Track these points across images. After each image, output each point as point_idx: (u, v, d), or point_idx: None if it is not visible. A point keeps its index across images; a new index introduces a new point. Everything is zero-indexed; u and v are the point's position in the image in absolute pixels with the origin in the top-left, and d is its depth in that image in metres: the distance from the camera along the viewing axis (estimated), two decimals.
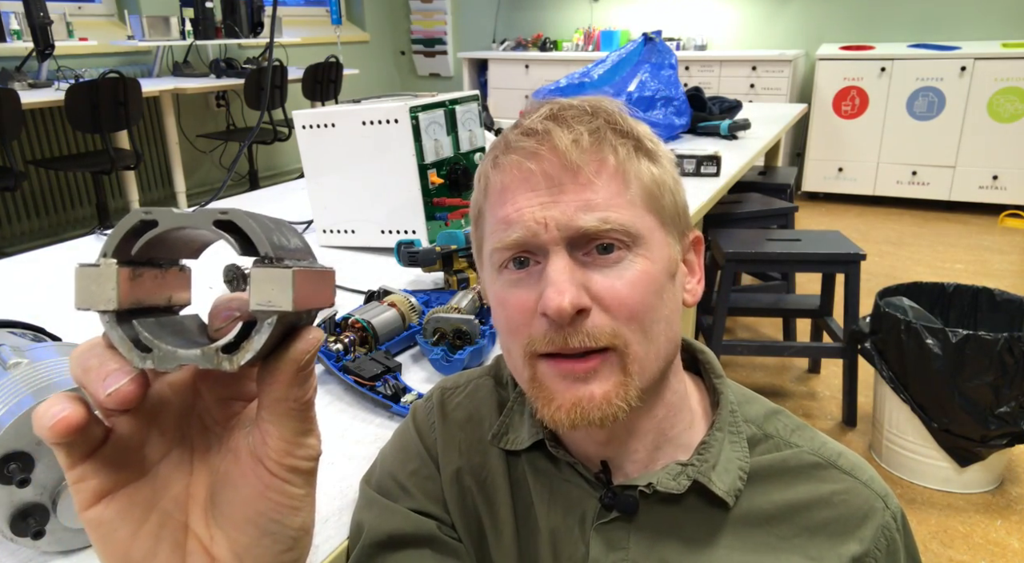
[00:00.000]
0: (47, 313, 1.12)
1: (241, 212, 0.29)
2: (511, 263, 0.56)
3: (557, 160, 0.54)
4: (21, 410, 0.55)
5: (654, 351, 0.55)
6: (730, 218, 2.73)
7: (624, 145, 0.56)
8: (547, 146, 0.54)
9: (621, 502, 0.58)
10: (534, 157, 0.55)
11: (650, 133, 0.60)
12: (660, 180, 0.57)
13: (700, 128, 2.66)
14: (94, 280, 0.29)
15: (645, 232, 0.55)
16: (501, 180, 0.57)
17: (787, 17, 5.46)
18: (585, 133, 0.55)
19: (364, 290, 1.14)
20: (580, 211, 0.53)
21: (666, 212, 0.58)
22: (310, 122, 1.36)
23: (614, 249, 0.54)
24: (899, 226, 4.62)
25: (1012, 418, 1.89)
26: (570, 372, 0.53)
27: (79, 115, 3.45)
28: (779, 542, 0.57)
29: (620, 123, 0.57)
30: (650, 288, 0.54)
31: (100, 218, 3.90)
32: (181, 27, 4.50)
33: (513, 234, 0.55)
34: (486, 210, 0.59)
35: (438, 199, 1.34)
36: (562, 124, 0.55)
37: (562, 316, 0.51)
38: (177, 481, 0.34)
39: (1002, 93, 4.53)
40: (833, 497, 0.59)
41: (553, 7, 6.27)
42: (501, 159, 0.57)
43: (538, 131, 0.55)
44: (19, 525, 0.57)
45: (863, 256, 2.30)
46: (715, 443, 0.60)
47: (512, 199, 0.55)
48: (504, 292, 0.56)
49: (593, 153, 0.55)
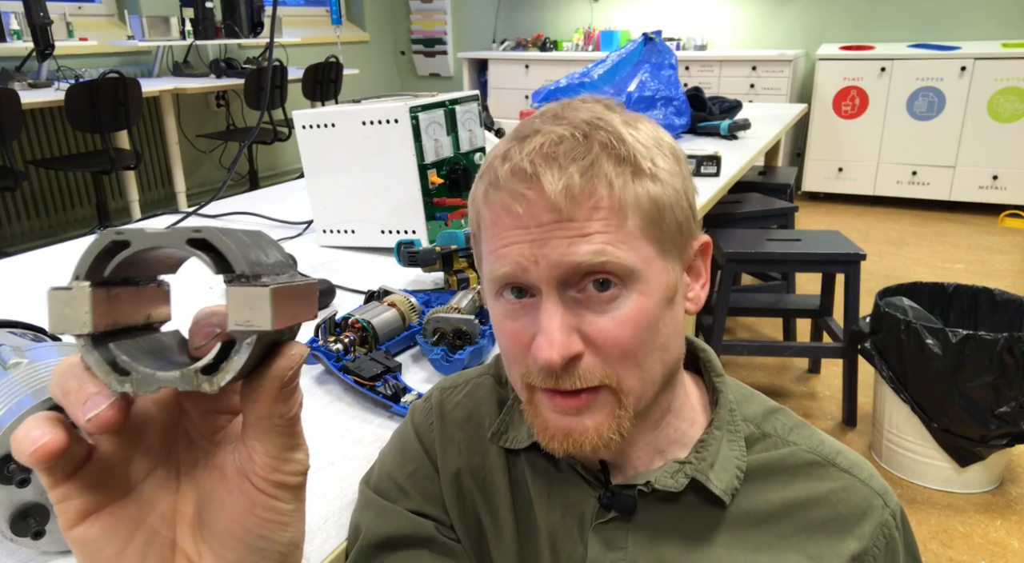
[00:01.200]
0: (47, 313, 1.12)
1: (215, 230, 0.28)
2: (507, 292, 0.55)
3: (547, 205, 0.51)
4: (21, 410, 0.55)
5: (650, 379, 0.55)
6: (730, 218, 2.73)
7: (621, 175, 0.53)
8: (535, 191, 0.51)
9: (619, 502, 0.58)
10: (522, 200, 0.52)
11: (649, 140, 0.56)
12: (660, 201, 0.54)
13: (700, 128, 2.66)
14: (67, 303, 0.28)
15: (641, 265, 0.53)
16: (490, 216, 0.55)
17: (787, 17, 5.46)
18: (576, 175, 0.51)
19: (364, 290, 1.14)
20: (573, 247, 0.51)
21: (666, 234, 0.55)
22: (310, 122, 1.36)
23: (609, 285, 0.52)
24: (899, 226, 4.62)
25: (1012, 418, 1.89)
26: (563, 407, 0.53)
27: (79, 115, 3.45)
28: (778, 541, 0.57)
29: (617, 146, 0.53)
30: (643, 325, 0.53)
31: (100, 218, 3.90)
32: (181, 27, 4.51)
33: (503, 268, 0.53)
34: (481, 235, 0.57)
35: (438, 199, 1.34)
36: (551, 164, 0.51)
37: (552, 368, 0.51)
38: (163, 498, 0.34)
39: (1002, 93, 4.53)
40: (831, 495, 0.59)
41: (553, 7, 6.27)
42: (491, 195, 0.54)
43: (526, 173, 0.52)
44: (19, 525, 0.57)
45: (863, 256, 2.30)
46: (713, 442, 0.59)
47: (501, 234, 0.53)
48: (501, 321, 0.56)
49: (586, 197, 0.51)
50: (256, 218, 1.63)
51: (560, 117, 0.55)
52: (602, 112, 0.56)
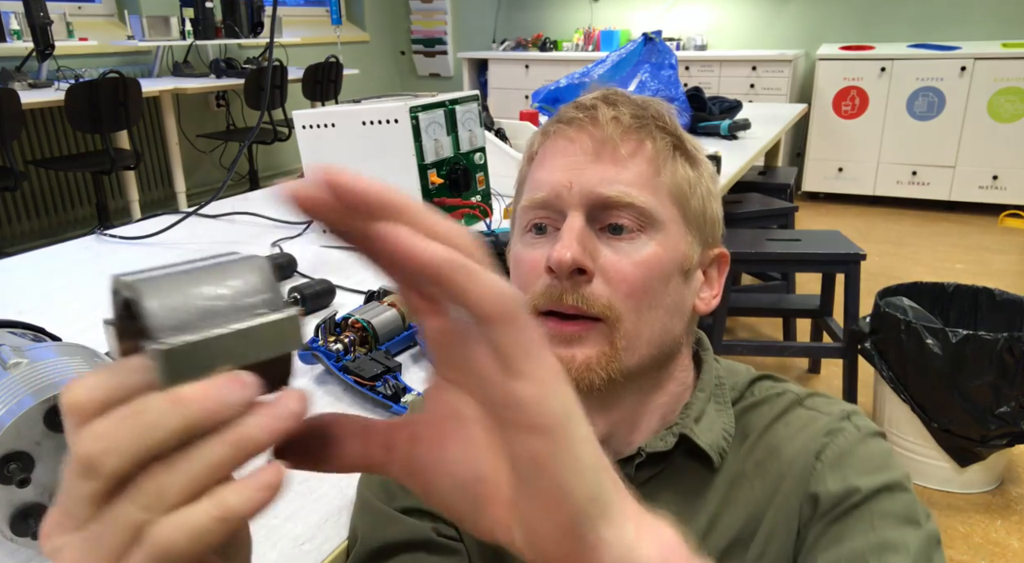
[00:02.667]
0: (47, 313, 1.12)
1: (140, 282, 0.24)
2: (534, 228, 0.59)
3: (598, 133, 0.57)
4: (21, 410, 0.55)
5: (647, 333, 0.56)
6: (730, 218, 2.71)
7: (664, 139, 0.59)
8: (590, 119, 0.58)
9: None
10: (577, 127, 0.58)
11: (696, 142, 0.63)
12: (693, 182, 0.60)
13: (700, 128, 2.66)
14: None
15: (664, 218, 0.57)
16: (544, 146, 0.61)
17: (787, 17, 5.46)
18: (628, 114, 0.58)
19: (364, 290, 1.14)
20: (605, 181, 0.56)
21: (692, 212, 0.59)
22: (310, 122, 1.36)
23: (624, 230, 0.56)
24: (899, 226, 4.62)
25: (1012, 418, 1.89)
26: (557, 332, 0.55)
27: (79, 115, 3.45)
28: (764, 496, 0.58)
29: (667, 121, 0.60)
30: (655, 272, 0.55)
31: (100, 218, 3.90)
32: (181, 27, 4.50)
33: (539, 194, 0.58)
34: (527, 174, 0.62)
35: (438, 199, 1.34)
36: (610, 104, 0.59)
37: (562, 267, 0.53)
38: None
39: (1002, 93, 4.53)
40: (802, 431, 0.60)
41: (553, 7, 6.27)
42: (550, 128, 0.61)
43: (587, 106, 0.59)
44: (19, 525, 0.57)
45: (863, 256, 2.30)
46: (696, 402, 0.61)
47: (549, 164, 0.59)
48: (521, 251, 0.59)
49: (632, 133, 0.58)
50: (256, 218, 1.63)
51: (626, 94, 0.62)
52: (661, 103, 0.63)
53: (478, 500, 0.28)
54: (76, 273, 1.31)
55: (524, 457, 0.26)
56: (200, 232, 1.54)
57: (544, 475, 0.26)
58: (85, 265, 1.35)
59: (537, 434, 0.25)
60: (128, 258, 1.38)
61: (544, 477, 0.26)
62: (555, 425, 0.26)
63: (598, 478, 0.27)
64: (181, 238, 1.48)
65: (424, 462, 0.28)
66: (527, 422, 0.25)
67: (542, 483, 0.26)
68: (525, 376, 0.25)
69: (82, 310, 1.13)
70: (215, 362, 0.24)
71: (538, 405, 0.25)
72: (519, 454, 0.26)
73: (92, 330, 1.05)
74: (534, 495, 0.26)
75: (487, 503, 0.27)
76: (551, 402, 0.26)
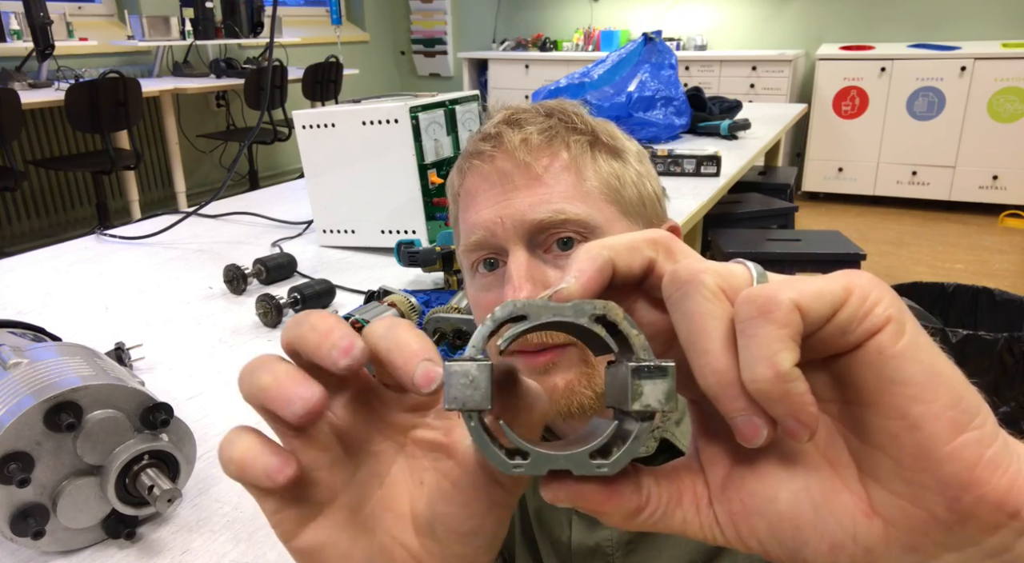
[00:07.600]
0: (47, 313, 1.12)
1: (618, 308, 0.26)
2: (481, 265, 0.58)
3: (510, 159, 0.57)
4: (21, 410, 0.55)
5: None
6: (730, 218, 2.73)
7: (579, 141, 0.58)
8: (499, 147, 0.57)
9: None
10: (488, 159, 0.57)
11: (613, 131, 0.62)
12: (620, 174, 0.59)
13: (700, 128, 2.66)
14: (466, 377, 0.26)
15: (603, 222, 0.56)
16: (464, 186, 0.60)
17: (787, 17, 5.46)
18: (535, 132, 0.57)
19: (364, 290, 1.14)
20: (534, 205, 0.55)
21: (627, 203, 0.59)
22: (310, 122, 1.36)
23: (573, 243, 0.55)
24: (899, 226, 4.62)
25: (1012, 418, 1.89)
26: (532, 366, 0.54)
27: (79, 115, 3.45)
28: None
29: (576, 122, 0.59)
30: None
31: (100, 218, 3.90)
32: (181, 27, 4.51)
33: (474, 236, 0.57)
34: (459, 217, 0.62)
35: (438, 199, 1.34)
36: (514, 126, 0.58)
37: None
38: (371, 496, 0.31)
39: (1002, 93, 4.53)
40: None
41: (553, 7, 6.27)
42: (463, 164, 0.60)
43: (492, 134, 0.58)
44: (19, 525, 0.57)
45: (863, 256, 2.29)
46: (677, 405, 0.60)
47: (474, 203, 0.58)
48: (477, 296, 0.59)
49: (544, 148, 0.57)
50: (256, 218, 1.63)
51: (528, 107, 0.62)
52: (569, 104, 0.62)
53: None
54: (76, 273, 1.31)
55: (889, 435, 0.23)
56: (200, 232, 1.54)
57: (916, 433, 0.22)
58: (85, 265, 1.35)
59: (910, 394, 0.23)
60: (128, 258, 1.38)
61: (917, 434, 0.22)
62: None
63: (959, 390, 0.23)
64: (181, 238, 1.48)
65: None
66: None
67: (914, 440, 0.23)
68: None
69: (82, 310, 1.13)
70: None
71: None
72: (884, 443, 0.23)
73: (92, 330, 1.05)
74: (906, 464, 0.23)
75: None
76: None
